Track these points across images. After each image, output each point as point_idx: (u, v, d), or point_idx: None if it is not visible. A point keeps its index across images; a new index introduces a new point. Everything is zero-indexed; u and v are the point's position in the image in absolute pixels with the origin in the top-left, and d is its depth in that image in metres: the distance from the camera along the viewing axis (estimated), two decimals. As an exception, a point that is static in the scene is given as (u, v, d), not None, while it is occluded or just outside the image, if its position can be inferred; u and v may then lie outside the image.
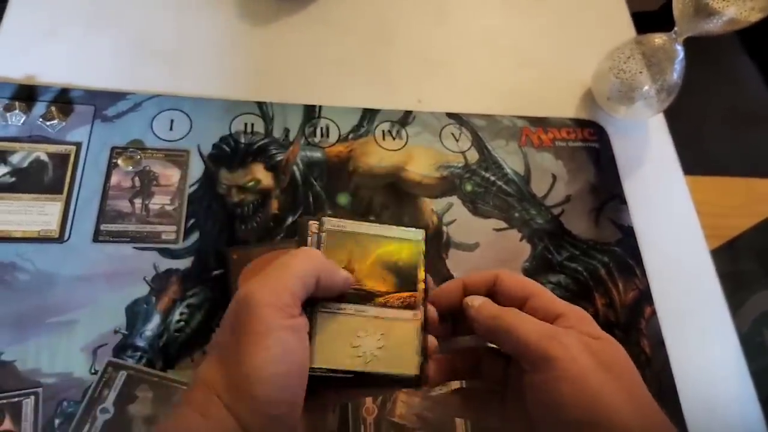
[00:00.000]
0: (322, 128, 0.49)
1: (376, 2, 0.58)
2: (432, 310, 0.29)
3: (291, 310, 0.24)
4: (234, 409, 0.23)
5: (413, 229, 0.29)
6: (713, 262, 0.50)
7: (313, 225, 0.28)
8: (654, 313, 0.46)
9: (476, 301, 0.28)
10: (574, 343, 0.24)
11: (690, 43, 0.49)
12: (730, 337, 0.47)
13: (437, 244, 0.46)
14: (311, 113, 0.50)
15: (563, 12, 0.61)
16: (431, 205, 0.48)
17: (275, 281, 0.24)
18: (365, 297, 0.28)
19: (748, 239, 0.69)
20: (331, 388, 0.28)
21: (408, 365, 0.27)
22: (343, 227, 0.28)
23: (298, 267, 0.25)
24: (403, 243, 0.29)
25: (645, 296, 0.47)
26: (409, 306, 0.28)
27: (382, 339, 0.27)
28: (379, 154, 0.49)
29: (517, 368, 0.26)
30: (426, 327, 0.28)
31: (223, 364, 0.24)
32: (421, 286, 0.29)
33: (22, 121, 0.44)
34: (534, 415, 0.25)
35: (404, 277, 0.28)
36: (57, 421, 0.35)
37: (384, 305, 0.28)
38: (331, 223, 0.28)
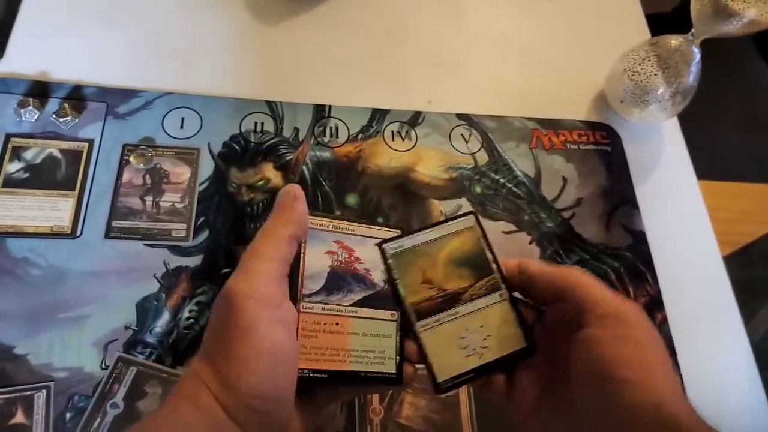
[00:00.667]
0: (331, 128, 0.49)
1: (386, 2, 0.58)
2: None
3: (274, 297, 0.24)
4: (224, 402, 0.23)
5: (462, 218, 0.30)
6: (726, 268, 0.49)
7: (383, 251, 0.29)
8: (665, 319, 0.45)
9: (534, 263, 0.28)
10: (642, 313, 0.25)
11: (704, 46, 0.48)
12: (742, 344, 0.46)
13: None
14: (321, 113, 0.50)
15: (576, 13, 0.61)
16: (440, 207, 0.47)
17: (251, 272, 0.24)
18: (453, 299, 0.28)
19: (761, 246, 0.68)
20: (325, 387, 0.28)
21: (517, 341, 0.28)
22: (402, 246, 0.29)
23: (269, 250, 0.25)
24: (461, 235, 0.29)
25: (656, 302, 0.46)
26: (494, 288, 0.29)
27: (484, 329, 0.28)
28: (388, 155, 0.49)
29: (558, 327, 0.27)
30: (515, 300, 0.29)
31: (212, 360, 0.24)
32: (494, 266, 0.29)
33: (35, 118, 0.45)
34: (578, 369, 0.25)
35: (477, 266, 0.29)
36: (68, 415, 0.36)
37: (472, 299, 0.28)
38: (390, 247, 0.29)
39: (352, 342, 0.28)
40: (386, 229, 0.30)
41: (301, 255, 0.28)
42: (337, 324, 0.28)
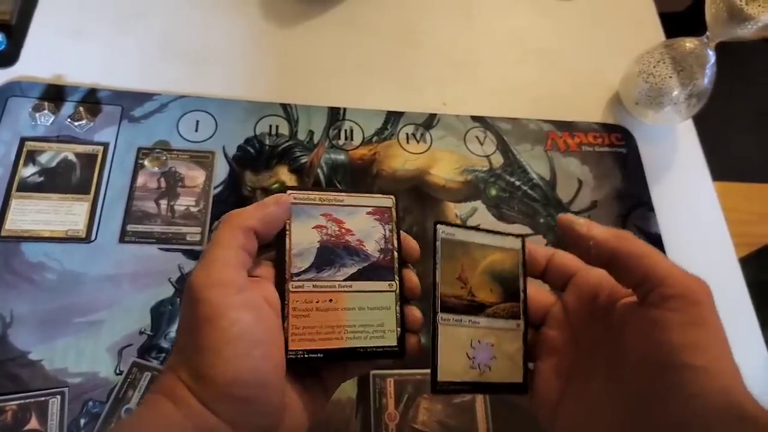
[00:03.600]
0: (346, 131, 0.49)
1: (401, 4, 0.58)
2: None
3: (234, 282, 0.23)
4: (201, 396, 0.22)
5: (512, 237, 0.29)
6: (742, 270, 0.49)
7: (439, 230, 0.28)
8: (683, 322, 0.45)
9: (594, 227, 0.26)
10: (711, 293, 0.23)
11: (718, 48, 0.48)
12: (758, 347, 0.45)
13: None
14: (335, 115, 0.50)
15: (591, 15, 0.60)
16: (455, 210, 0.47)
17: (210, 261, 0.23)
18: (477, 308, 0.27)
19: (777, 248, 0.68)
20: (332, 366, 0.28)
21: (514, 373, 0.27)
22: (453, 235, 0.28)
23: (225, 237, 0.24)
24: (505, 253, 0.29)
25: (673, 305, 0.46)
26: (514, 316, 0.28)
27: (493, 349, 0.27)
28: (403, 157, 0.49)
29: (580, 309, 0.26)
30: (527, 336, 0.28)
31: (185, 356, 0.23)
32: (522, 295, 0.28)
33: (50, 121, 0.45)
34: (635, 353, 0.23)
35: (508, 287, 0.28)
36: (82, 421, 0.35)
37: (493, 316, 0.28)
38: (444, 231, 0.27)
39: (348, 318, 0.27)
40: (377, 195, 0.29)
41: (287, 233, 0.27)
42: (330, 301, 0.26)
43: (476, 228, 0.28)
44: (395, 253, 0.28)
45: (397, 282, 0.28)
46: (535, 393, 0.27)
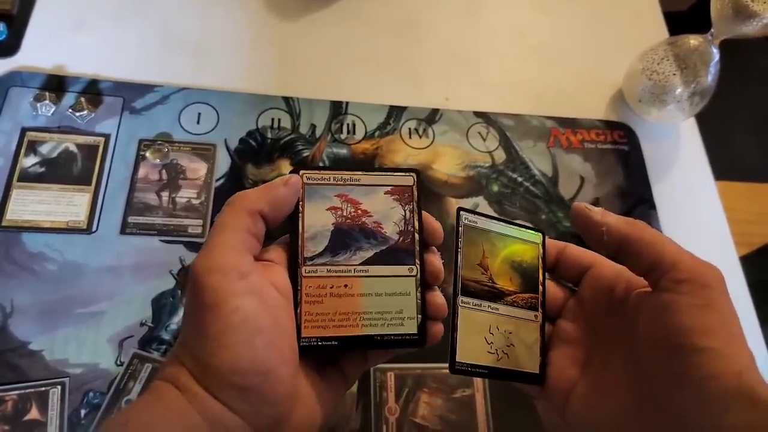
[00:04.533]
0: (348, 125, 0.49)
1: (404, -1, 0.57)
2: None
3: (237, 267, 0.22)
4: (205, 384, 0.22)
5: (533, 231, 0.29)
6: (742, 269, 0.49)
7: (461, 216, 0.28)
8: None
9: (608, 215, 0.26)
10: (722, 277, 0.23)
11: (722, 46, 0.48)
12: (758, 346, 0.46)
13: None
14: (338, 109, 0.49)
15: (595, 11, 0.60)
16: (457, 205, 0.47)
17: (213, 247, 0.23)
18: (497, 295, 0.27)
19: (777, 247, 0.68)
20: (353, 354, 0.27)
21: (532, 363, 0.27)
22: (476, 223, 0.27)
23: (229, 221, 0.24)
24: (526, 245, 0.29)
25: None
26: (532, 307, 0.28)
27: (510, 337, 0.27)
28: (405, 152, 0.48)
29: (594, 296, 0.26)
30: (545, 329, 0.28)
31: (188, 343, 0.23)
32: (541, 288, 0.28)
33: (51, 112, 0.44)
34: (648, 337, 0.23)
35: (527, 279, 0.28)
36: (83, 412, 0.35)
37: (512, 304, 0.28)
38: (467, 218, 0.27)
39: (364, 304, 0.25)
40: (397, 174, 0.27)
41: (299, 216, 0.26)
42: (345, 286, 0.25)
43: (498, 218, 0.28)
44: (416, 236, 0.27)
45: (418, 266, 0.26)
46: (549, 381, 0.27)
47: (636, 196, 0.50)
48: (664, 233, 0.48)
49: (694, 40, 0.49)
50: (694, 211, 0.51)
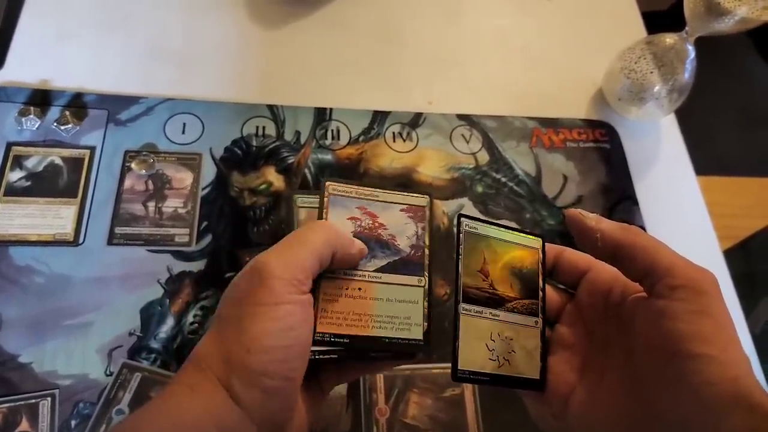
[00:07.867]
0: (332, 131, 0.49)
1: (385, 4, 0.58)
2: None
3: (302, 285, 0.24)
4: (227, 381, 0.22)
5: (532, 236, 0.29)
6: (726, 262, 0.49)
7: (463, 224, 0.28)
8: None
9: (602, 221, 0.26)
10: (717, 282, 0.23)
11: (701, 43, 0.48)
12: (743, 338, 0.46)
13: (448, 245, 0.46)
14: (322, 116, 0.50)
15: (574, 12, 0.61)
16: (442, 207, 0.48)
17: (290, 255, 0.24)
18: (498, 302, 0.28)
19: (760, 239, 0.68)
20: (331, 368, 0.28)
21: (532, 369, 0.28)
22: (476, 229, 0.28)
23: (314, 242, 0.25)
24: (525, 250, 0.29)
25: (658, 297, 0.46)
26: (532, 312, 0.28)
27: (511, 343, 0.28)
28: (389, 156, 0.49)
29: (592, 302, 0.27)
30: (545, 334, 0.28)
31: (221, 336, 0.23)
32: (541, 293, 0.29)
33: (36, 126, 0.45)
34: (644, 344, 0.23)
35: (527, 285, 0.29)
36: (73, 423, 0.36)
37: (512, 310, 0.28)
38: (467, 224, 0.28)
39: (375, 307, 0.27)
40: (412, 194, 0.30)
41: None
42: (359, 289, 0.27)
43: (498, 224, 0.29)
44: (426, 251, 0.29)
45: (427, 278, 0.28)
46: (548, 386, 0.27)
47: (619, 192, 0.51)
48: (647, 229, 0.50)
49: (670, 39, 0.49)
50: (676, 207, 0.52)
